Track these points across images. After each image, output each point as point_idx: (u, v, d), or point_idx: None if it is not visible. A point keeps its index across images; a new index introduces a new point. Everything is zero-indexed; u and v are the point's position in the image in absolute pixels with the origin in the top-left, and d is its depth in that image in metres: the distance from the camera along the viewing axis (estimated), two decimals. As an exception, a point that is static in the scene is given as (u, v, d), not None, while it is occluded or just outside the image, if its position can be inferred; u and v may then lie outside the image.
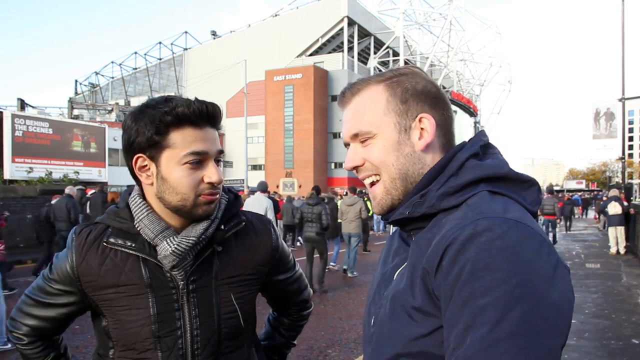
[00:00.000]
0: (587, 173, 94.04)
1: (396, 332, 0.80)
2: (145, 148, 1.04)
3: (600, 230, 21.46)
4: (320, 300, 7.28)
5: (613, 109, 21.81)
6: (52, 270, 1.12)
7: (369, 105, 0.88)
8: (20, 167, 16.09)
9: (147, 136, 1.03)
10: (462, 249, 0.70)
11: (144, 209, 1.08)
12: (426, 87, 0.88)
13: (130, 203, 1.11)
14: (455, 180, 0.81)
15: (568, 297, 0.70)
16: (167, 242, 1.05)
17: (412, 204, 0.83)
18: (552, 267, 0.69)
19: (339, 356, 4.84)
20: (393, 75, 0.90)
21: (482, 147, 0.87)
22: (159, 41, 65.90)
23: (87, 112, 41.18)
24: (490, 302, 0.65)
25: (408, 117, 0.86)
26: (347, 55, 48.12)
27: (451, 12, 50.87)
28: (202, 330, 1.09)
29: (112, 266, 1.06)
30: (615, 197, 13.21)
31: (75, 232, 1.11)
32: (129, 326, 1.06)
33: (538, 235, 0.71)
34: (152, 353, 1.06)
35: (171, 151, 1.03)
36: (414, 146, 0.86)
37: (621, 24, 17.20)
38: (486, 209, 0.74)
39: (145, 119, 1.03)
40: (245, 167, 30.97)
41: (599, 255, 12.63)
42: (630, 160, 62.03)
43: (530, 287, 0.66)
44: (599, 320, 6.14)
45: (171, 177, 1.04)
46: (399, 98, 0.87)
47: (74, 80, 62.66)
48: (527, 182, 0.83)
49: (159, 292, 1.06)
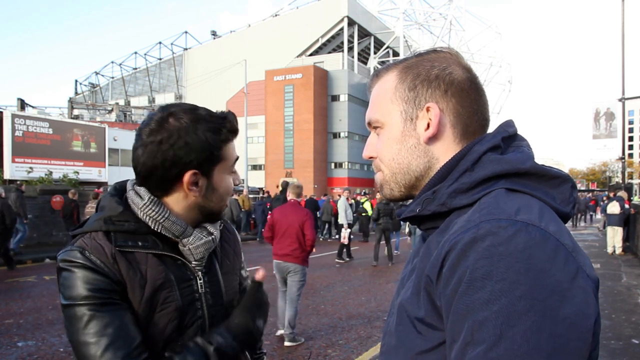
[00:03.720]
0: (587, 173, 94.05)
1: (402, 344, 0.74)
2: (201, 164, 1.07)
3: (600, 230, 21.47)
4: (321, 300, 7.29)
5: (613, 109, 21.81)
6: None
7: (382, 92, 0.84)
8: (20, 167, 16.09)
9: (207, 153, 1.06)
10: (462, 255, 0.63)
11: (165, 212, 1.09)
12: (443, 72, 0.80)
13: (144, 209, 1.08)
14: (470, 176, 0.73)
15: (587, 312, 0.59)
16: (197, 233, 1.12)
17: (423, 201, 0.77)
18: (568, 276, 0.60)
19: (339, 356, 4.84)
20: (412, 60, 0.83)
21: (505, 140, 0.78)
22: (159, 41, 65.97)
23: (87, 112, 41.21)
24: (489, 317, 0.58)
25: (415, 106, 0.80)
26: (347, 55, 48.12)
27: (451, 12, 50.87)
28: (217, 318, 1.15)
29: (136, 267, 1.05)
30: (619, 197, 13.16)
31: (82, 248, 1.02)
32: (157, 321, 1.05)
33: (553, 239, 0.62)
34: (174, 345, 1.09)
35: (224, 163, 1.12)
36: (420, 137, 0.80)
37: (621, 24, 17.20)
38: (495, 209, 0.66)
39: (205, 135, 1.06)
40: (245, 167, 30.94)
41: (599, 255, 12.64)
42: (630, 160, 62.06)
43: (537, 299, 0.58)
44: (599, 320, 6.14)
45: (222, 186, 1.13)
46: (408, 84, 0.81)
47: (74, 80, 62.84)
48: (557, 179, 0.73)
49: (181, 284, 1.10)
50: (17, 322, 5.87)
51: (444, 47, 0.85)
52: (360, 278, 9.26)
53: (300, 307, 6.74)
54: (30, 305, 6.72)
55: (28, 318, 6.04)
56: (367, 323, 6.06)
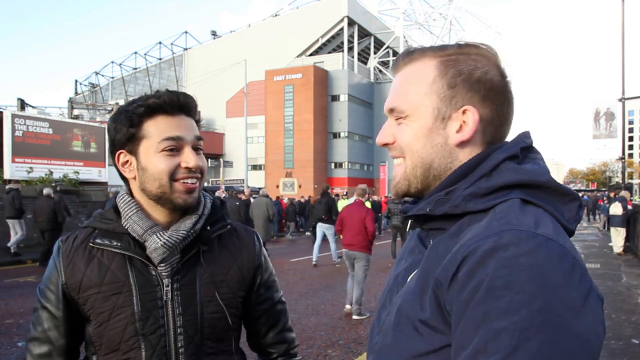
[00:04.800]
0: (587, 173, 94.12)
1: (399, 344, 0.73)
2: (124, 143, 1.09)
3: (600, 230, 21.46)
4: (321, 300, 7.29)
5: (613, 109, 21.82)
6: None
7: (415, 80, 0.80)
8: (20, 167, 16.09)
9: (123, 131, 1.07)
10: (481, 262, 0.62)
11: (132, 207, 1.10)
12: (486, 76, 0.77)
13: (119, 202, 1.13)
14: (487, 181, 0.73)
15: (597, 331, 0.60)
16: (157, 235, 1.07)
17: (435, 201, 0.76)
18: (582, 294, 0.61)
19: (339, 356, 4.84)
20: (454, 52, 0.79)
21: (523, 150, 0.77)
22: (159, 41, 65.90)
23: (87, 112, 41.17)
24: (507, 327, 0.58)
25: (451, 105, 0.77)
26: (347, 55, 48.14)
27: (451, 12, 50.92)
28: (185, 328, 1.08)
29: (98, 265, 1.08)
30: (621, 197, 13.12)
31: (62, 240, 1.13)
32: (113, 326, 1.05)
33: (571, 256, 0.63)
34: (136, 352, 1.06)
35: (147, 141, 1.07)
36: (448, 138, 0.77)
37: (621, 24, 17.21)
38: (515, 219, 0.66)
39: (122, 117, 1.08)
40: (245, 167, 30.99)
41: (599, 255, 12.64)
42: (630, 160, 62.02)
43: (554, 314, 0.58)
44: (599, 320, 6.14)
45: (150, 165, 1.07)
46: (447, 81, 0.77)
47: (74, 80, 62.79)
48: (567, 196, 0.73)
49: (143, 289, 1.07)
50: (17, 322, 5.87)
51: (483, 44, 0.81)
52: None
53: (300, 307, 6.75)
54: (30, 305, 6.71)
55: (28, 318, 6.03)
56: (367, 323, 6.06)
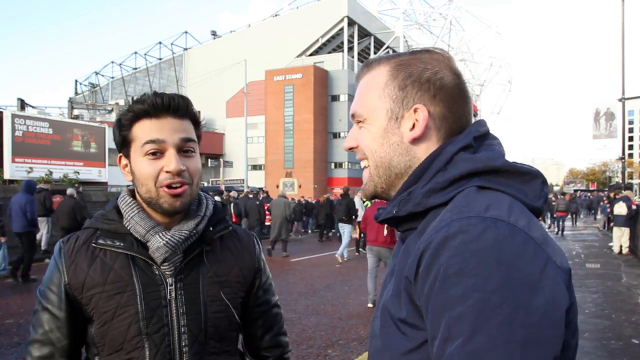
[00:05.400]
0: (587, 173, 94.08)
1: (387, 346, 0.75)
2: (120, 147, 1.12)
3: (600, 230, 21.46)
4: (321, 300, 7.30)
5: (613, 109, 21.82)
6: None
7: (370, 86, 0.84)
8: (20, 167, 16.09)
9: (117, 136, 1.11)
10: (435, 255, 0.65)
11: (134, 207, 1.11)
12: (435, 76, 0.80)
13: (120, 203, 1.13)
14: (443, 175, 0.75)
15: (557, 301, 0.62)
16: (160, 235, 1.07)
17: (399, 202, 0.78)
18: (538, 267, 0.62)
19: (339, 356, 4.84)
20: (406, 58, 0.83)
21: (477, 139, 0.79)
22: (159, 41, 65.89)
23: (87, 112, 41.19)
24: (464, 311, 0.60)
25: (403, 106, 0.81)
26: (347, 55, 48.13)
27: (451, 12, 50.90)
28: (189, 327, 1.09)
29: (101, 265, 1.08)
30: (625, 197, 13.09)
31: (64, 241, 1.12)
32: (116, 325, 1.05)
33: (522, 233, 0.64)
34: (140, 352, 1.06)
35: (135, 144, 1.08)
36: (403, 137, 0.81)
37: (621, 24, 17.21)
38: (465, 207, 0.68)
39: (116, 121, 1.12)
40: (245, 167, 30.99)
41: (599, 255, 12.64)
42: (630, 160, 62.07)
43: (509, 292, 0.60)
44: (599, 320, 6.14)
45: (136, 169, 1.08)
46: (398, 83, 0.81)
47: (74, 80, 62.78)
48: (528, 175, 0.75)
49: (146, 288, 1.07)
50: (17, 322, 5.87)
51: (437, 48, 0.85)
52: (360, 278, 9.25)
53: (300, 307, 6.77)
54: (30, 305, 6.71)
55: (28, 318, 6.04)
56: (367, 323, 6.05)
